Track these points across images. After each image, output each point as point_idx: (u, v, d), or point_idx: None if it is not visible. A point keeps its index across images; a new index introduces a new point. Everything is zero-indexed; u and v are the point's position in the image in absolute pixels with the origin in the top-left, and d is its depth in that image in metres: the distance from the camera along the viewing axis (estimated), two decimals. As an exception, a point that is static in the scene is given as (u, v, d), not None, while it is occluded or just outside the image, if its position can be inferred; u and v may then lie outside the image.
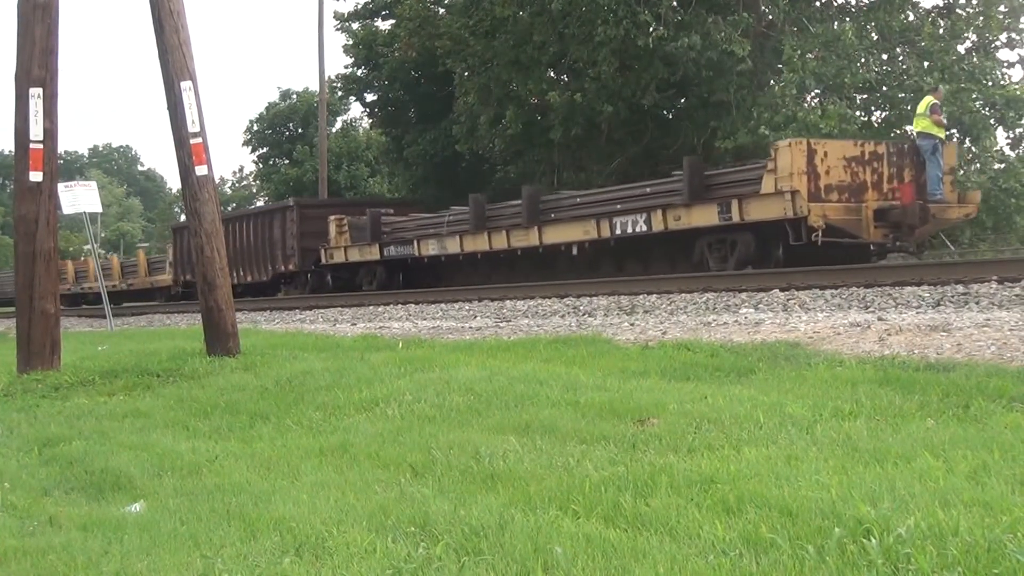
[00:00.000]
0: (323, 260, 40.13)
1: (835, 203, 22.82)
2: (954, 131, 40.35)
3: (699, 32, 39.21)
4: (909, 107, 43.23)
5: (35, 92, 16.08)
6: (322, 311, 30.90)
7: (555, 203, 33.24)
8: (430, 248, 35.18)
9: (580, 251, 30.59)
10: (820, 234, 21.82)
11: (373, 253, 37.46)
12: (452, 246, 34.30)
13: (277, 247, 42.25)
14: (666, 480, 6.80)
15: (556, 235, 31.15)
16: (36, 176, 16.23)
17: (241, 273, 44.20)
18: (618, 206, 29.24)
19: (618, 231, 28.41)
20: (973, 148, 38.56)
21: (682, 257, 27.97)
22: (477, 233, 33.38)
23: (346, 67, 60.54)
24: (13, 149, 16.71)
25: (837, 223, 22.47)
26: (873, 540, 5.07)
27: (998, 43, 45.34)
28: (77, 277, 60.29)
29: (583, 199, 32.22)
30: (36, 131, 16.07)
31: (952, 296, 15.48)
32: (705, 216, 25.46)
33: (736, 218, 23.90)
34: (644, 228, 27.60)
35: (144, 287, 53.97)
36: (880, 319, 13.82)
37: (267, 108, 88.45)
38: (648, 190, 29.38)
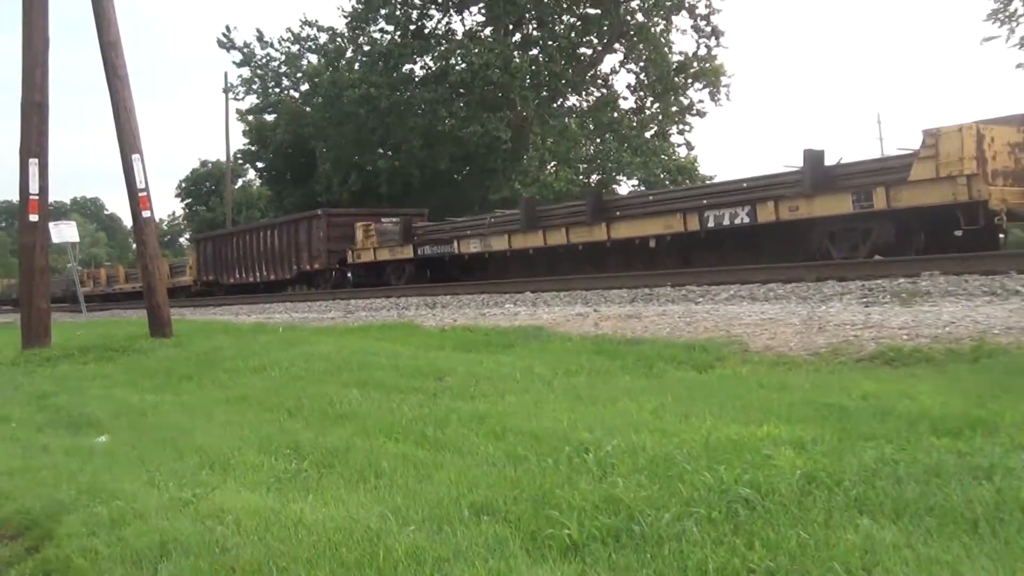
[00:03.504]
0: (350, 260, 31.85)
1: (1008, 187, 15.49)
2: (642, 187, 41.79)
3: (479, 122, 40.33)
4: (614, 174, 45.37)
5: (33, 162, 16.76)
6: (228, 307, 30.26)
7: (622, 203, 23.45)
8: (471, 247, 26.47)
9: (659, 244, 21.06)
10: (1004, 218, 15.37)
11: (406, 252, 29.03)
12: (498, 244, 25.39)
13: (303, 249, 34.06)
14: (456, 417, 6.84)
15: (627, 231, 21.73)
16: (34, 217, 16.89)
17: (264, 272, 36.94)
18: (704, 201, 19.94)
19: (711, 224, 19.52)
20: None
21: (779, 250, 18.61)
22: (529, 231, 24.25)
23: (244, 144, 59.55)
24: (18, 199, 17.35)
25: (1016, 207, 15.64)
26: (590, 454, 5.12)
27: (672, 130, 47.20)
28: (109, 280, 54.31)
29: (657, 197, 22.67)
30: (34, 188, 16.79)
31: (642, 296, 15.62)
32: (832, 205, 17.00)
33: (881, 205, 16.06)
34: (747, 220, 18.75)
35: (168, 286, 45.44)
36: (595, 311, 13.91)
37: (192, 172, 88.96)
38: (745, 185, 19.58)
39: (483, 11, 43.85)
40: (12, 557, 5.23)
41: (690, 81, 45.41)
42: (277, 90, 51.75)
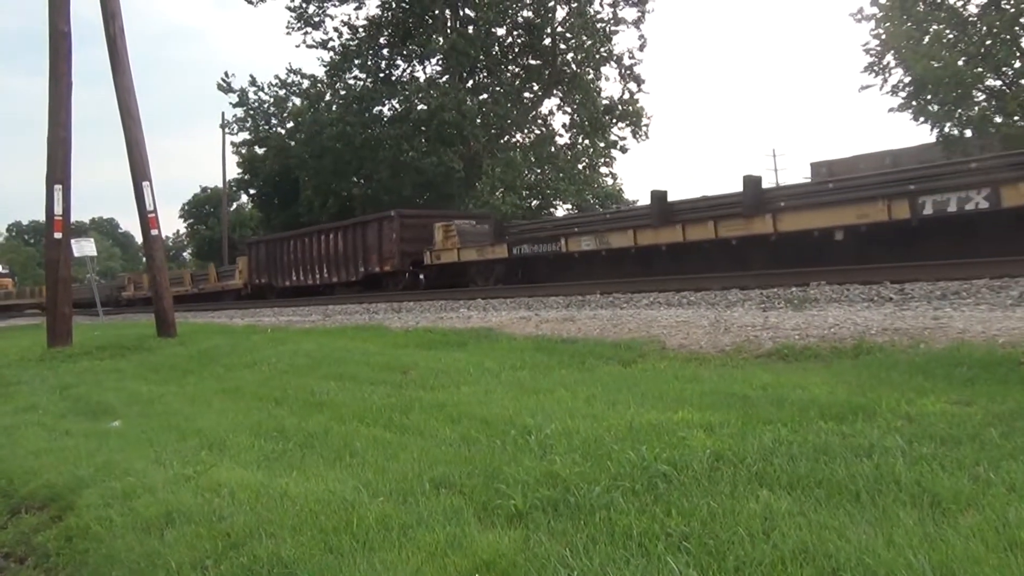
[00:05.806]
0: (427, 261, 26.03)
1: None
2: (575, 210, 42.11)
3: (436, 155, 40.68)
4: (552, 199, 45.78)
5: (58, 188, 16.94)
6: (223, 312, 29.98)
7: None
8: (583, 244, 20.73)
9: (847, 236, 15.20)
10: None
11: (499, 252, 23.42)
12: (619, 241, 19.64)
13: (372, 251, 28.27)
14: (418, 405, 6.82)
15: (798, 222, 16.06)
16: (58, 235, 16.99)
17: (326, 274, 31.38)
18: (912, 187, 14.35)
19: (927, 211, 13.95)
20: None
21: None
22: (662, 226, 18.54)
23: (238, 173, 58.93)
24: (45, 220, 17.42)
25: None
26: (532, 436, 5.12)
27: (600, 163, 47.60)
28: (137, 287, 49.39)
29: (838, 185, 16.42)
30: (58, 210, 16.96)
31: (576, 302, 15.62)
32: None
33: None
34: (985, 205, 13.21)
35: (215, 290, 40.88)
36: (536, 315, 13.92)
37: (193, 196, 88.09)
38: (974, 165, 14.20)
39: (441, 61, 44.14)
40: (39, 525, 5.32)
41: (615, 121, 45.77)
42: (266, 127, 51.83)
